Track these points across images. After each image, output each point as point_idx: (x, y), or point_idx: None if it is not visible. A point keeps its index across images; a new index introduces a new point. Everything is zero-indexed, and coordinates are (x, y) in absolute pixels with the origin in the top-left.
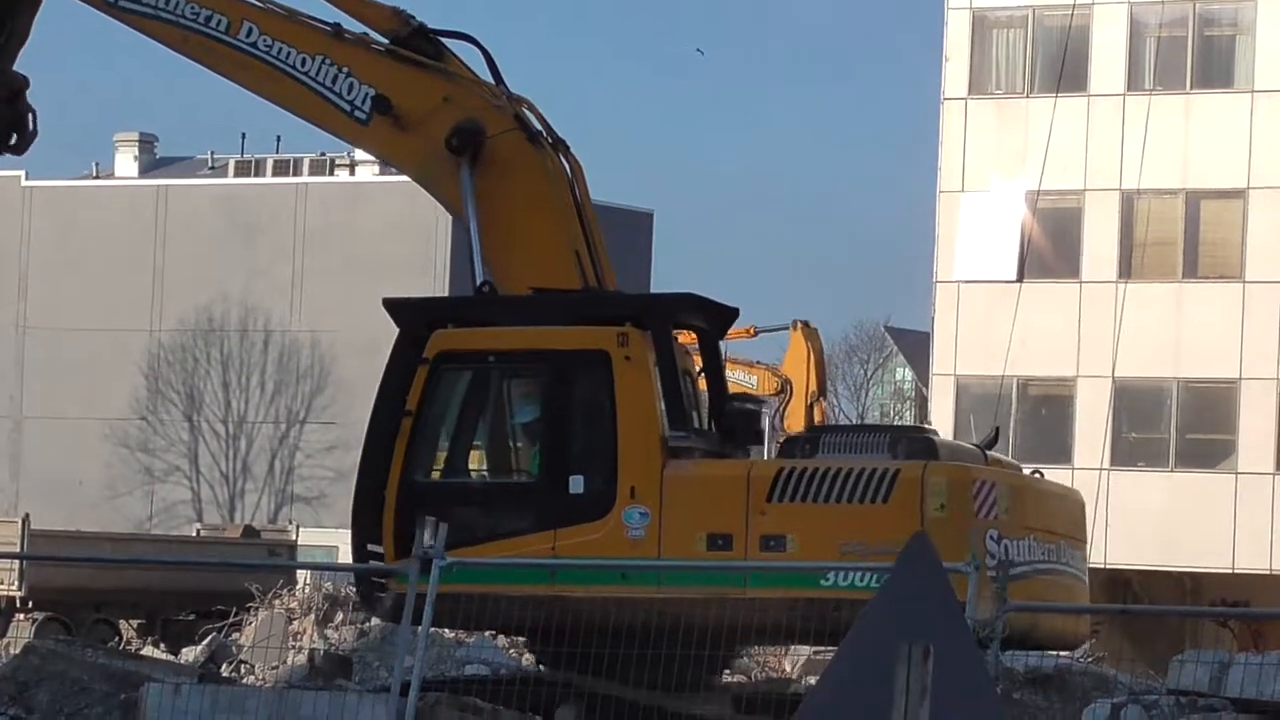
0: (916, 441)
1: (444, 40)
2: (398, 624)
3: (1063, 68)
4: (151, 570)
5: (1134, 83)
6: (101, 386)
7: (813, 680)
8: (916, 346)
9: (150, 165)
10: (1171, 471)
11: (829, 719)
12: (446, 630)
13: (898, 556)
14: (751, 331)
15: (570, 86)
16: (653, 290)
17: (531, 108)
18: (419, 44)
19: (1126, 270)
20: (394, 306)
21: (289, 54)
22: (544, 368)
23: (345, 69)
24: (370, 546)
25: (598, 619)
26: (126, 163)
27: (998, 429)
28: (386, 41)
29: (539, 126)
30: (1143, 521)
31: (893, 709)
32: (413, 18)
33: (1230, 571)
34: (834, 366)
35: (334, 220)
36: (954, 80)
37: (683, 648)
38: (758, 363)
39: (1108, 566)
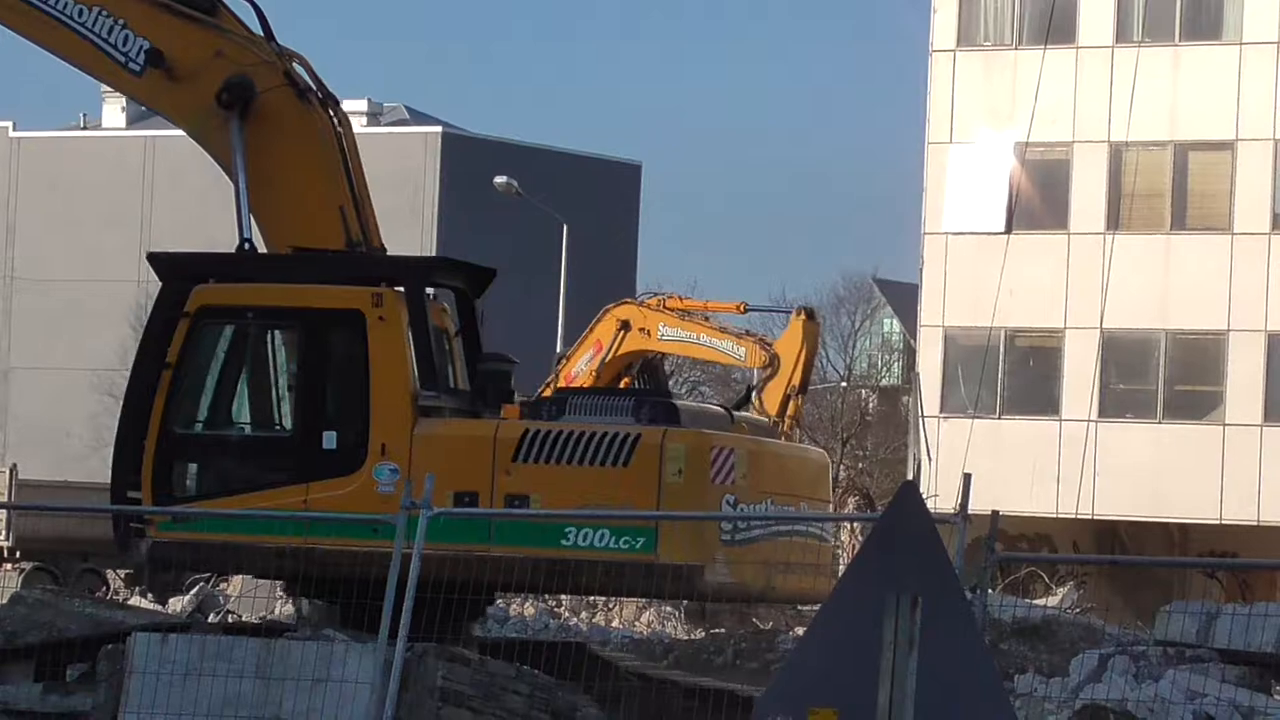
0: (659, 407)
1: None
2: (154, 570)
3: (1051, 19)
4: None
5: (1122, 34)
6: (88, 337)
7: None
8: (905, 298)
9: (138, 116)
10: (1159, 423)
11: (818, 670)
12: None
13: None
14: (742, 308)
15: (559, 38)
16: (639, 244)
17: (303, 63)
18: None
19: (1115, 222)
20: (157, 261)
21: (66, 4)
22: (300, 325)
23: (121, 21)
24: (130, 493)
25: (352, 572)
26: (114, 114)
27: (750, 388)
28: None
29: (309, 83)
30: (1131, 473)
31: (880, 659)
32: None
33: (1218, 522)
34: (821, 318)
35: None
36: (942, 32)
37: (431, 599)
38: (747, 333)
39: (1095, 517)
